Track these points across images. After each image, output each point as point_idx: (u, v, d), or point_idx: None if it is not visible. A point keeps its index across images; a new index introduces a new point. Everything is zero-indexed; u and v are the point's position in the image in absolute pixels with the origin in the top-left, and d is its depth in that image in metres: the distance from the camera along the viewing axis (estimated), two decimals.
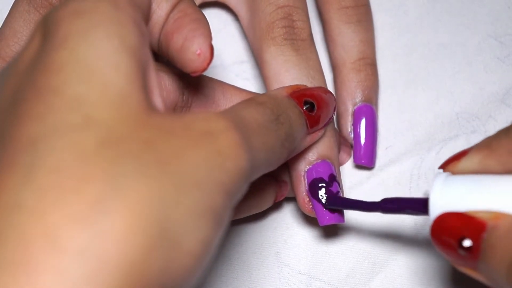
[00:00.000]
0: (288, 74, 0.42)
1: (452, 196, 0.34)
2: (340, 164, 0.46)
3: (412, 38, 0.49)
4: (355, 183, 0.46)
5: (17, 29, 0.40)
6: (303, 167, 0.41)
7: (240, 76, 0.49)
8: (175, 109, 0.40)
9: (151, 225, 0.25)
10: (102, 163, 0.25)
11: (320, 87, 0.40)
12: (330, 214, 0.40)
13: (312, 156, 0.41)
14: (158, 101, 0.30)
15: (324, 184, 0.40)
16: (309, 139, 0.39)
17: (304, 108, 0.38)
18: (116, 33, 0.28)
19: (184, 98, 0.40)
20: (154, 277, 0.25)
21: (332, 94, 0.41)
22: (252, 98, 0.35)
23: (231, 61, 0.49)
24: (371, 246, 0.45)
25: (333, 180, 0.41)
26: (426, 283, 0.44)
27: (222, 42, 0.49)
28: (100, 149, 0.26)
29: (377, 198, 0.46)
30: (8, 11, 0.41)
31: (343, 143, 0.46)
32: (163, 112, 0.30)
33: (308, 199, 0.41)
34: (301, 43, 0.42)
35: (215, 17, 0.50)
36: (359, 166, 0.46)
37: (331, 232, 0.45)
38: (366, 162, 0.45)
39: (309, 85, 0.41)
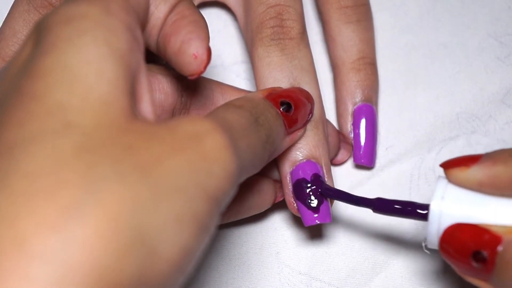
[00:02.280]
0: (270, 76, 0.42)
1: (459, 206, 0.34)
2: (340, 161, 0.46)
3: (412, 38, 0.49)
4: (355, 183, 0.46)
5: (17, 29, 0.40)
6: (287, 168, 0.41)
7: (240, 76, 0.49)
8: (173, 111, 0.40)
9: (125, 230, 0.25)
10: (79, 168, 0.25)
11: (296, 88, 0.40)
12: (315, 215, 0.40)
13: (295, 156, 0.41)
14: (147, 108, 0.30)
15: (307, 185, 0.40)
16: (288, 140, 0.39)
17: (281, 109, 0.38)
18: (104, 39, 0.28)
19: (182, 100, 0.40)
20: (127, 284, 0.25)
21: (309, 94, 0.40)
22: (229, 102, 0.35)
23: (231, 61, 0.49)
24: (372, 246, 0.45)
25: (317, 179, 0.40)
26: (426, 283, 0.44)
27: (222, 43, 0.49)
28: (78, 154, 0.25)
29: None
30: (8, 11, 0.41)
31: (343, 140, 0.46)
32: (150, 119, 0.30)
33: (293, 200, 0.41)
34: (288, 42, 0.42)
35: (215, 17, 0.50)
36: (359, 166, 0.46)
37: (331, 232, 0.45)
38: (366, 162, 0.45)
39: (290, 86, 0.41)
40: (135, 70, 0.29)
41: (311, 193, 0.40)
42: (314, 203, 0.40)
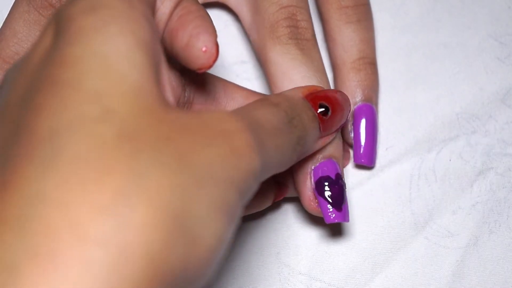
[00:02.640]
0: (297, 72, 0.41)
1: None
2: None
3: (412, 38, 0.49)
4: (355, 183, 0.46)
5: (17, 29, 0.40)
6: (309, 166, 0.41)
7: (240, 76, 0.49)
8: (177, 105, 0.40)
9: (171, 218, 0.25)
10: (122, 156, 0.26)
11: (336, 90, 0.40)
12: (336, 213, 0.40)
13: (319, 154, 0.40)
14: (170, 97, 0.31)
15: (331, 183, 0.40)
16: (320, 143, 0.39)
17: (318, 112, 0.38)
18: (129, 29, 0.28)
19: (186, 94, 0.40)
20: (174, 270, 0.25)
21: (348, 99, 0.40)
22: (266, 98, 0.35)
23: (232, 61, 0.49)
24: (372, 246, 0.45)
25: (339, 179, 0.41)
26: (426, 283, 0.44)
27: (222, 43, 0.49)
28: (119, 142, 0.26)
29: (377, 199, 0.46)
30: (8, 12, 0.41)
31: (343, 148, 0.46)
32: (176, 108, 0.30)
33: (313, 197, 0.41)
34: (305, 42, 0.42)
35: (215, 18, 0.49)
36: (359, 166, 0.46)
37: (331, 232, 0.45)
38: (366, 161, 0.45)
39: (318, 84, 0.41)
40: (158, 60, 0.30)
41: (334, 191, 0.40)
42: (338, 201, 0.40)
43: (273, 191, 0.43)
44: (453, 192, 0.46)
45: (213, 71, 0.48)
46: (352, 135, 0.45)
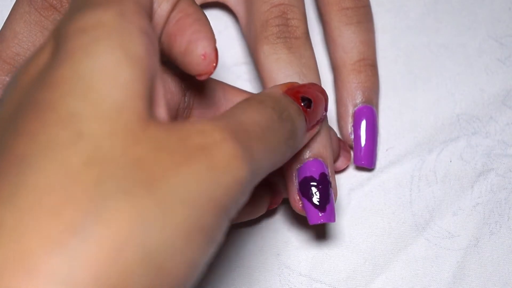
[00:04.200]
0: (280, 72, 0.41)
1: None
2: (339, 168, 0.46)
3: (413, 40, 0.49)
4: (355, 184, 0.46)
5: (18, 30, 0.40)
6: (294, 166, 0.40)
7: (241, 77, 0.49)
8: (177, 110, 0.40)
9: (131, 249, 0.25)
10: (86, 183, 0.25)
11: (312, 83, 0.40)
12: (320, 213, 0.40)
13: (304, 154, 0.40)
14: (162, 112, 0.30)
15: (315, 183, 0.40)
16: (308, 136, 0.39)
17: (302, 104, 0.38)
18: (119, 44, 0.28)
19: (186, 99, 0.40)
20: None
21: (324, 90, 0.40)
22: (251, 98, 0.35)
23: (232, 62, 0.49)
24: (372, 247, 0.45)
25: (323, 179, 0.40)
26: (427, 284, 0.44)
27: (223, 44, 0.49)
28: (86, 167, 0.25)
29: (378, 200, 0.46)
30: (8, 13, 0.41)
31: (343, 147, 0.46)
32: (164, 122, 0.30)
33: (298, 197, 0.41)
34: (294, 41, 0.42)
35: (215, 18, 0.50)
36: (359, 167, 0.46)
37: (331, 233, 0.45)
38: (366, 163, 0.45)
39: (300, 82, 0.41)
40: (153, 74, 0.29)
41: (318, 192, 0.40)
42: (321, 202, 0.40)
43: (267, 198, 0.43)
44: (454, 193, 0.46)
45: (214, 73, 0.48)
46: (353, 137, 0.45)
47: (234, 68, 0.49)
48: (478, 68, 0.49)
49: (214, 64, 0.35)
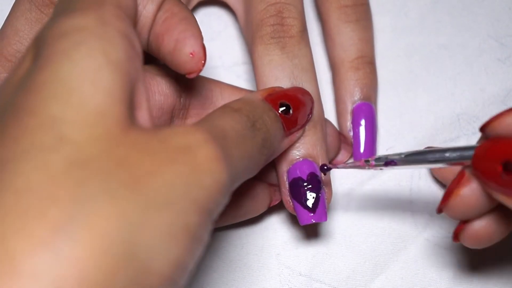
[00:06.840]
0: (271, 75, 0.41)
1: None
2: (340, 162, 0.46)
3: (413, 40, 0.49)
4: (355, 184, 0.46)
5: (19, 27, 0.40)
6: (284, 167, 0.41)
7: (241, 77, 0.49)
8: (173, 112, 0.40)
9: (115, 248, 0.25)
10: (69, 185, 0.25)
11: (296, 88, 0.40)
12: (310, 214, 0.40)
13: (292, 155, 0.40)
14: (144, 116, 0.30)
15: (304, 184, 0.40)
16: (287, 141, 0.39)
17: (280, 111, 0.37)
18: (100, 49, 0.28)
19: (181, 100, 0.40)
20: None
21: (309, 94, 0.40)
22: (227, 105, 0.35)
23: (232, 62, 0.49)
24: (372, 247, 0.45)
25: (313, 179, 0.40)
26: (427, 284, 0.44)
27: (223, 44, 0.49)
28: (68, 170, 0.25)
29: (378, 199, 0.46)
30: (9, 10, 0.41)
31: (344, 141, 0.46)
32: (146, 127, 0.30)
33: (290, 198, 0.41)
34: (288, 40, 0.42)
35: (215, 18, 0.50)
36: None
37: (331, 233, 0.45)
38: None
39: (290, 85, 0.41)
40: (133, 78, 0.29)
41: (307, 192, 0.40)
42: (310, 202, 0.40)
43: (268, 196, 0.43)
44: None
45: (214, 72, 0.49)
46: (352, 134, 0.45)
47: (234, 68, 0.49)
48: (478, 68, 0.49)
49: (203, 62, 0.35)
